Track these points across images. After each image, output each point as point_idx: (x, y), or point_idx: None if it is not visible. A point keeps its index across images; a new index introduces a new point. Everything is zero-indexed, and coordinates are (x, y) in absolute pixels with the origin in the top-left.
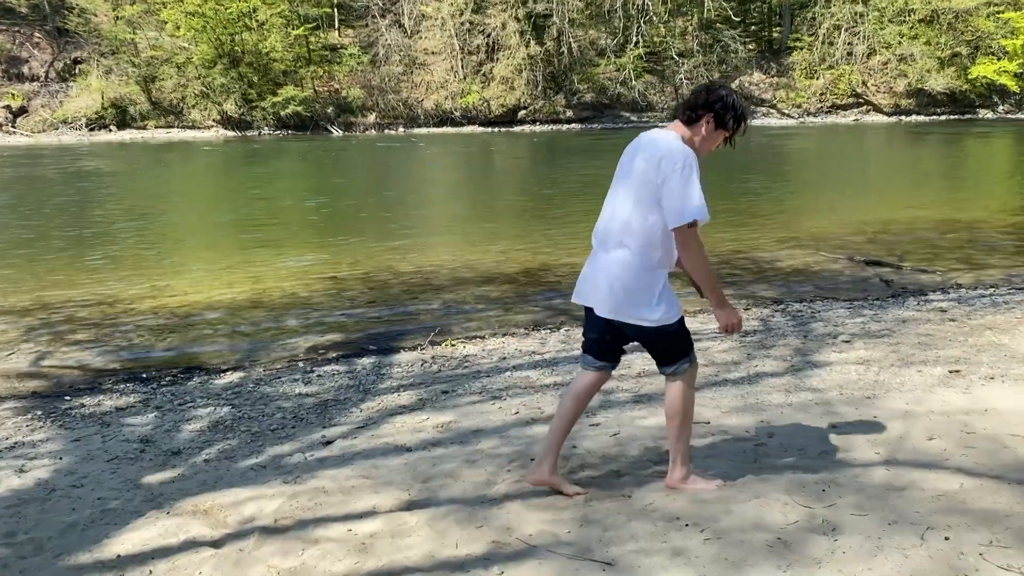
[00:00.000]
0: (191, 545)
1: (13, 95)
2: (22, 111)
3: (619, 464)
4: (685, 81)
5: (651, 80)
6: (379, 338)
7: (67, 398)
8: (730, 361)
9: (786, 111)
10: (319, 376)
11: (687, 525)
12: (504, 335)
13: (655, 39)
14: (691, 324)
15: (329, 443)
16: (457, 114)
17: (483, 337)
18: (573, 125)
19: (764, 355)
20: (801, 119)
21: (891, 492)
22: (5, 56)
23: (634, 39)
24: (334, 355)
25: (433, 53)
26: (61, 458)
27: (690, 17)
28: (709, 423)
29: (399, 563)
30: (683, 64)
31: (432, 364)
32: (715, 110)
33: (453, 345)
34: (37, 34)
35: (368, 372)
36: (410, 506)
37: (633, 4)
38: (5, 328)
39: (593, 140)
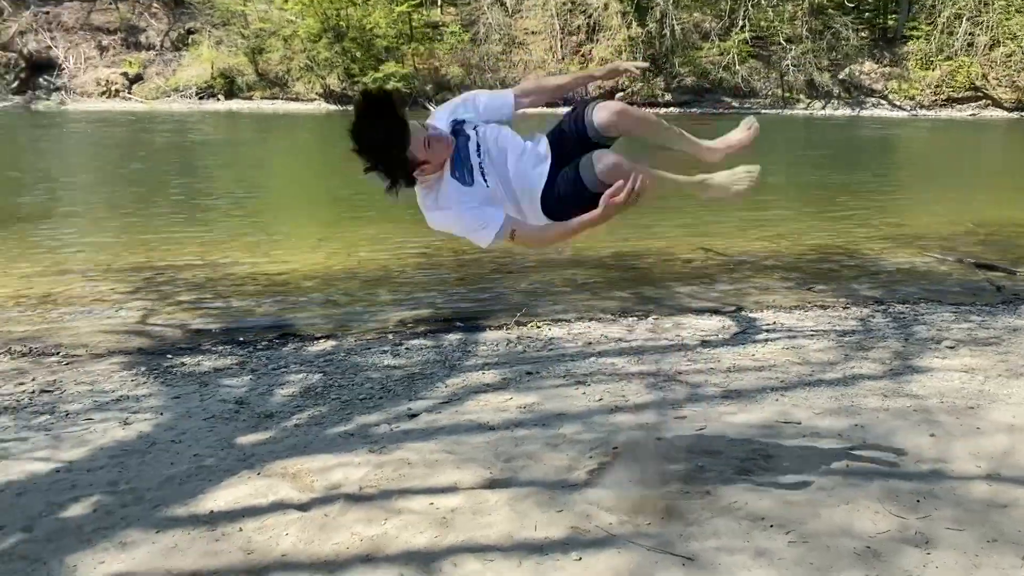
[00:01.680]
0: (279, 506)
1: (130, 63)
2: (138, 78)
3: (704, 459)
4: (792, 68)
5: (755, 65)
6: (466, 316)
7: (169, 356)
8: (826, 361)
9: (898, 103)
10: (407, 349)
11: (772, 526)
12: (590, 320)
13: (762, 23)
14: (787, 320)
15: (415, 416)
16: None
17: (569, 321)
18: (671, 109)
19: (862, 357)
20: (914, 112)
21: (992, 508)
22: (125, 25)
23: (740, 23)
24: (422, 330)
25: (533, 33)
26: (162, 413)
27: (800, 2)
28: (800, 423)
29: (478, 540)
30: (790, 50)
31: (517, 344)
32: None
33: (539, 327)
34: (155, 4)
35: (454, 348)
36: (491, 484)
37: None
38: (115, 286)
39: (693, 125)
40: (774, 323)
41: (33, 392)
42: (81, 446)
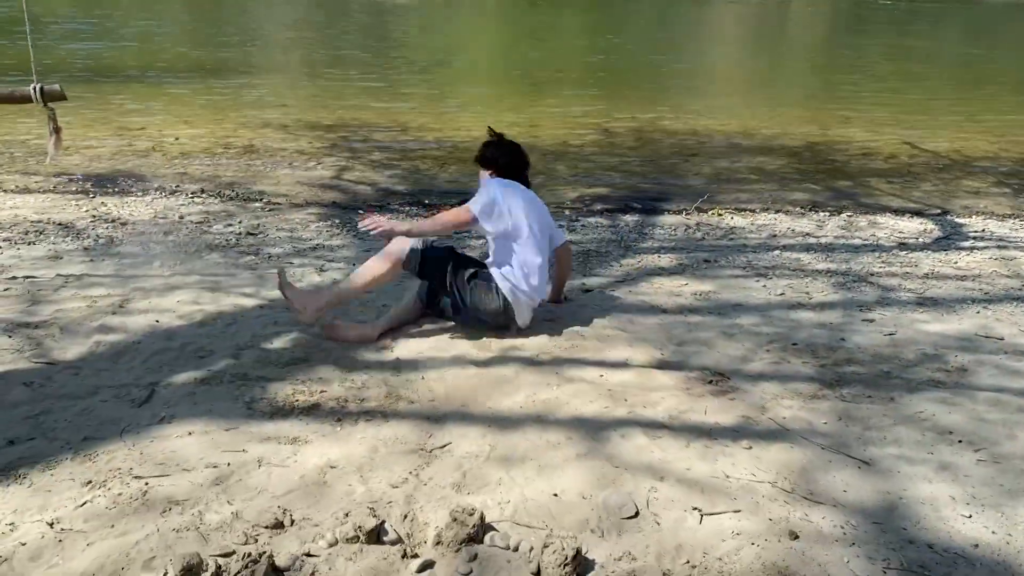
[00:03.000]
0: (459, 361)
1: None
2: None
3: (890, 365)
4: None
5: None
6: (644, 197)
7: (360, 211)
8: None
9: None
10: (583, 226)
11: (960, 441)
12: (777, 212)
13: None
14: (999, 228)
15: (588, 291)
16: None
17: (753, 211)
18: None
19: None
20: None
21: None
22: None
23: None
24: (599, 207)
25: None
26: (354, 264)
27: None
28: (1003, 339)
29: (646, 416)
30: None
31: (696, 231)
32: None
33: (720, 215)
34: None
35: (631, 229)
36: (662, 365)
37: None
38: (312, 140)
39: (906, 11)
40: (983, 231)
41: (240, 233)
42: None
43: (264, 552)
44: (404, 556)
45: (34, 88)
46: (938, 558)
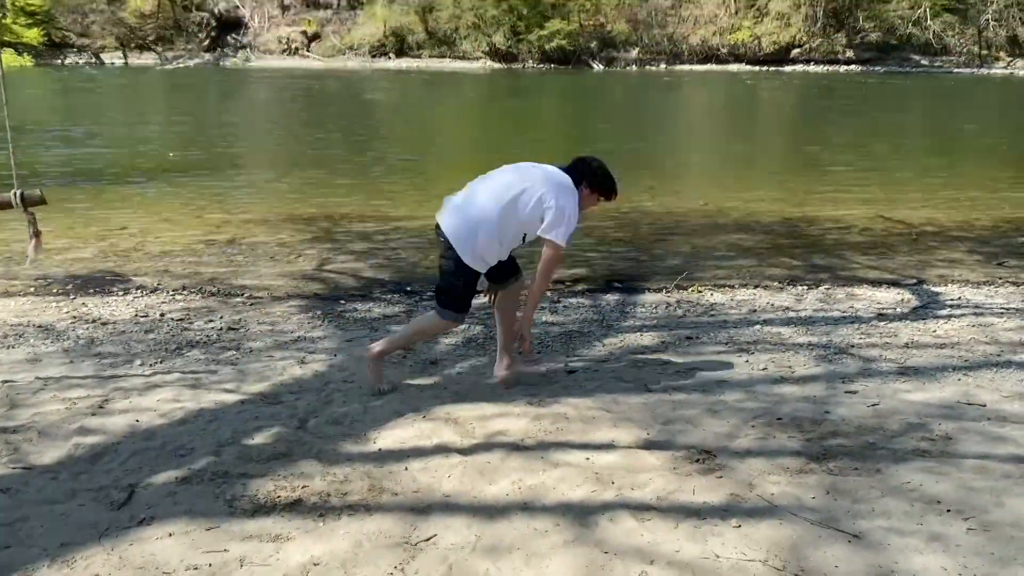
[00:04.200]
0: (443, 450)
1: (309, 22)
2: (316, 36)
3: (875, 436)
4: (992, 23)
5: (950, 20)
6: (625, 277)
7: (342, 302)
8: (1017, 342)
9: None
10: (564, 307)
11: (949, 511)
12: (755, 287)
13: None
14: (975, 296)
15: (572, 372)
16: (724, 51)
17: (732, 287)
18: (852, 67)
19: None
20: None
21: None
22: None
23: None
24: (580, 288)
25: None
26: (335, 355)
27: None
28: (986, 406)
29: (634, 499)
30: (992, 3)
31: (677, 308)
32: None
33: (700, 292)
34: None
35: (612, 309)
36: (648, 445)
37: None
38: (293, 234)
39: (876, 85)
40: (959, 298)
41: (221, 329)
42: (262, 381)
43: None
44: None
45: (14, 194)
46: None
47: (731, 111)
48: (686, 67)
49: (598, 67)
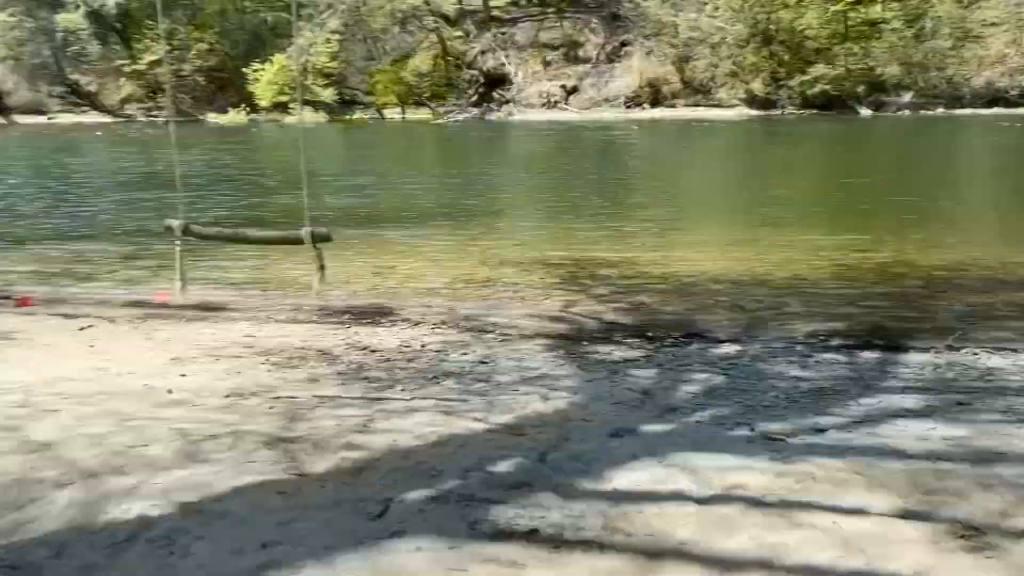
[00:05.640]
0: (678, 496)
1: (569, 76)
2: (574, 90)
3: None
4: None
5: None
6: (887, 334)
7: (584, 343)
8: None
9: None
10: (816, 362)
11: None
12: None
13: None
14: None
15: (822, 431)
16: (1013, 93)
17: (1015, 351)
18: None
19: None
20: None
21: None
22: (567, 40)
23: None
24: (835, 343)
25: (992, 24)
26: (576, 394)
27: None
28: None
29: (887, 570)
30: None
31: (947, 371)
32: None
33: (976, 354)
34: (594, 20)
35: (871, 367)
36: (906, 515)
37: None
38: (543, 276)
39: None
40: None
41: (474, 362)
42: (508, 413)
43: None
44: None
45: (305, 231)
46: None
47: (1020, 157)
48: (968, 111)
49: (865, 112)
